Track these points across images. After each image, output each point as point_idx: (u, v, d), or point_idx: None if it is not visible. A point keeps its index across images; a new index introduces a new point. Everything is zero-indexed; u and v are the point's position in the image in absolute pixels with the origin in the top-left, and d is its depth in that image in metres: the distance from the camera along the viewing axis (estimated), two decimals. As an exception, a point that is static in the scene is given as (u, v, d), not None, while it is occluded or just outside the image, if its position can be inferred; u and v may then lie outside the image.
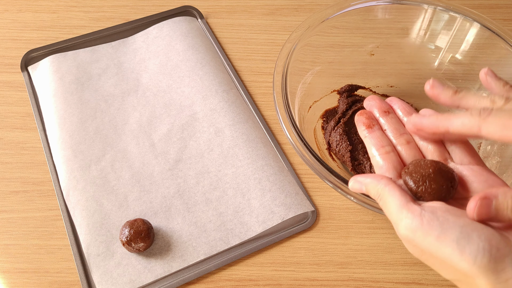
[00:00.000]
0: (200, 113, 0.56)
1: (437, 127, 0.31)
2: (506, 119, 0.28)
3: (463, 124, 0.29)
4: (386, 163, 0.35)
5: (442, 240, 0.26)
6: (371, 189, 0.32)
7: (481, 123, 0.28)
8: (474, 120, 0.29)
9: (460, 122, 0.30)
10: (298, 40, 0.50)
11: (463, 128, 0.29)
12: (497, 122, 0.28)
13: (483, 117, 0.29)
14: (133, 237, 0.44)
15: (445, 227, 0.27)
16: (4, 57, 0.62)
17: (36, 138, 0.55)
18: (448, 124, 0.30)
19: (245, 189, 0.50)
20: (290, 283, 0.45)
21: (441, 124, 0.31)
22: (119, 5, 0.69)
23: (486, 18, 0.50)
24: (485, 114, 0.29)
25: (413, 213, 0.28)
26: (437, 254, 0.27)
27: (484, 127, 0.28)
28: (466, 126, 0.29)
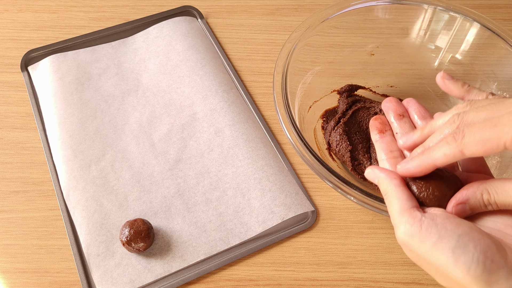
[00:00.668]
0: (200, 113, 0.56)
1: (425, 167, 0.31)
2: (480, 134, 0.28)
3: (445, 155, 0.30)
4: (392, 167, 0.35)
5: (437, 248, 0.27)
6: (381, 184, 0.33)
7: (461, 147, 0.29)
8: (453, 147, 0.29)
9: (441, 154, 0.30)
10: (298, 40, 0.50)
11: (448, 158, 0.30)
12: (475, 141, 0.28)
13: (459, 141, 0.29)
14: (133, 237, 0.44)
15: (442, 234, 0.27)
16: (4, 57, 0.62)
17: (36, 138, 0.55)
18: (432, 160, 0.31)
19: (245, 189, 0.50)
20: (290, 283, 0.45)
21: (426, 163, 0.31)
22: (119, 5, 0.69)
23: (486, 18, 0.50)
24: (459, 137, 0.29)
25: (413, 218, 0.28)
26: (432, 261, 0.27)
27: (466, 149, 0.28)
28: (449, 156, 0.29)
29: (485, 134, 0.28)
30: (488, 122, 0.28)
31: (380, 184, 0.33)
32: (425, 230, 0.27)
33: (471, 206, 0.30)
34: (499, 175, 0.45)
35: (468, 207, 0.30)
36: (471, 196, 0.30)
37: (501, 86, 0.50)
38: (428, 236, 0.27)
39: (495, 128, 0.27)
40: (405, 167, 0.32)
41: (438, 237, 0.27)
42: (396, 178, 0.32)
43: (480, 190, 0.30)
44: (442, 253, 0.26)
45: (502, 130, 0.27)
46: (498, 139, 0.27)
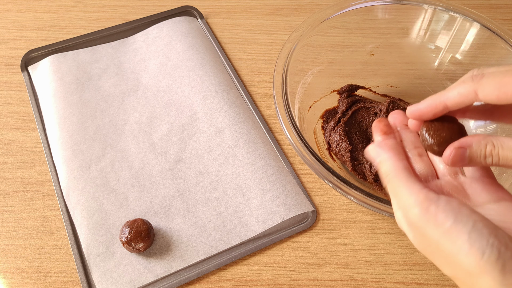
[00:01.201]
0: (200, 113, 0.56)
1: (435, 106, 0.30)
2: (500, 77, 0.27)
3: (459, 94, 0.29)
4: None
5: (453, 231, 0.26)
6: (385, 165, 0.31)
7: (476, 87, 0.28)
8: (468, 86, 0.28)
9: (455, 93, 0.29)
10: (298, 40, 0.50)
11: (460, 98, 0.29)
12: (492, 82, 0.27)
13: (477, 80, 0.28)
14: (133, 237, 0.44)
15: (458, 218, 0.26)
16: (4, 57, 0.62)
17: (36, 138, 0.55)
18: (444, 99, 0.30)
19: (245, 189, 0.50)
20: (290, 283, 0.45)
21: (437, 101, 0.30)
22: (119, 5, 0.69)
23: (486, 18, 0.50)
24: (478, 77, 0.28)
25: (429, 200, 0.27)
26: (445, 246, 0.26)
27: (480, 90, 0.28)
28: (462, 95, 0.29)
29: (505, 79, 0.27)
30: (509, 71, 0.27)
31: (382, 165, 0.31)
32: (442, 212, 0.26)
33: (471, 153, 0.29)
34: (499, 175, 0.45)
35: (468, 154, 0.29)
36: (475, 143, 0.29)
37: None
38: (445, 218, 0.26)
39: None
40: (415, 107, 0.31)
41: (454, 220, 0.26)
42: (404, 160, 0.30)
43: (485, 140, 0.29)
44: (458, 236, 0.25)
45: None
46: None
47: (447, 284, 0.45)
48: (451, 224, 0.26)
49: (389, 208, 0.40)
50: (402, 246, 0.47)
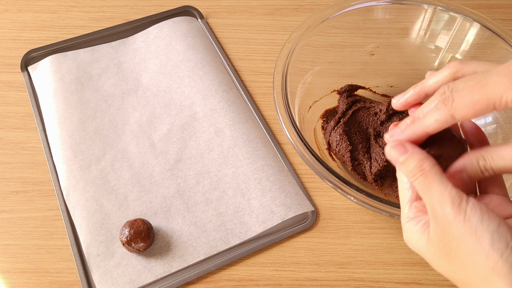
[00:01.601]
0: (200, 113, 0.56)
1: (417, 136, 0.31)
2: (469, 96, 0.28)
3: (437, 121, 0.30)
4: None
5: (478, 229, 0.27)
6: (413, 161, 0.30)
7: (451, 111, 0.29)
8: (443, 112, 0.29)
9: (433, 121, 0.30)
10: (298, 40, 0.50)
11: (440, 124, 0.30)
12: (464, 104, 0.28)
13: (449, 105, 0.29)
14: (133, 237, 0.44)
15: (485, 217, 0.27)
16: (4, 57, 0.62)
17: (36, 138, 0.55)
18: (423, 128, 0.31)
19: (245, 189, 0.50)
20: (290, 283, 0.45)
21: (418, 131, 0.31)
22: (119, 5, 0.69)
23: (486, 18, 0.50)
24: (449, 102, 0.29)
25: (460, 197, 0.28)
26: (467, 244, 0.27)
27: (456, 113, 0.29)
28: (440, 121, 0.30)
29: (475, 96, 0.28)
30: (477, 84, 0.28)
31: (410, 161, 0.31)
32: (471, 209, 0.27)
33: (468, 173, 0.31)
34: (499, 175, 0.45)
35: (466, 175, 0.31)
36: (468, 164, 0.30)
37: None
38: (473, 216, 0.27)
39: (484, 89, 0.27)
40: (397, 136, 0.32)
41: (481, 219, 0.27)
42: (431, 158, 0.31)
43: (475, 157, 0.30)
44: (481, 235, 0.26)
45: (491, 90, 0.27)
46: (487, 100, 0.27)
47: (447, 284, 0.45)
48: (477, 222, 0.27)
49: (389, 208, 0.40)
50: (402, 246, 0.47)
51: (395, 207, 0.40)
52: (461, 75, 0.32)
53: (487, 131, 0.50)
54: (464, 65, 0.32)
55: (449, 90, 0.29)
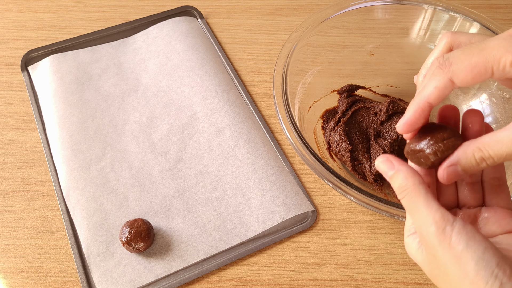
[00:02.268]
0: (200, 113, 0.56)
1: (421, 109, 0.30)
2: (468, 60, 0.27)
3: (436, 88, 0.28)
4: None
5: (463, 255, 0.26)
6: (400, 178, 0.30)
7: (449, 75, 0.28)
8: (441, 77, 0.28)
9: (432, 88, 0.29)
10: (298, 40, 0.50)
11: (439, 91, 0.28)
12: (462, 67, 0.27)
13: (447, 69, 0.28)
14: (133, 237, 0.44)
15: (470, 243, 0.26)
16: (4, 57, 0.62)
17: (36, 138, 0.55)
18: (425, 99, 0.29)
19: (245, 189, 0.50)
20: (290, 283, 0.45)
21: (421, 104, 0.29)
22: (119, 5, 0.69)
23: (486, 18, 0.50)
24: (446, 66, 0.28)
25: (446, 221, 0.27)
26: (453, 270, 0.26)
27: (455, 77, 0.28)
28: (440, 88, 0.28)
29: (473, 59, 0.27)
30: (475, 48, 0.27)
31: (395, 178, 0.30)
32: (456, 235, 0.26)
33: (463, 167, 0.28)
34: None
35: (460, 168, 0.29)
36: (462, 156, 0.28)
37: (501, 86, 0.50)
38: (458, 242, 0.26)
39: (482, 52, 0.27)
40: (402, 121, 0.31)
41: (466, 245, 0.26)
42: (417, 175, 0.30)
43: (470, 149, 0.28)
44: (466, 262, 0.25)
45: (490, 53, 0.26)
46: (486, 62, 0.26)
47: (447, 284, 0.45)
48: (462, 249, 0.26)
49: (389, 208, 0.40)
50: (402, 246, 0.47)
51: (395, 207, 0.40)
52: (457, 44, 0.31)
53: (487, 131, 0.50)
54: (458, 34, 0.31)
55: (446, 57, 0.28)
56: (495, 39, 0.27)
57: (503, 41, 0.26)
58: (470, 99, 0.53)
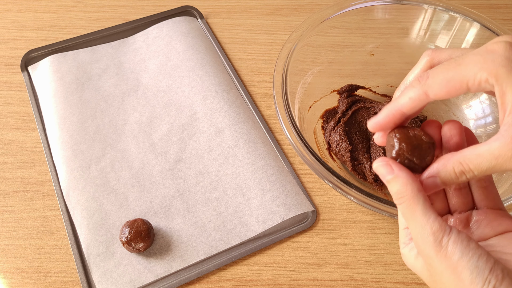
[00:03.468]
0: (200, 113, 0.56)
1: (392, 115, 0.30)
2: (444, 74, 0.27)
3: (411, 99, 0.29)
4: None
5: (459, 265, 0.26)
6: (398, 184, 0.29)
7: (424, 88, 0.28)
8: (417, 89, 0.28)
9: (407, 98, 0.29)
10: (298, 40, 0.50)
11: (413, 102, 0.29)
12: (438, 81, 0.27)
13: (423, 82, 0.28)
14: (133, 237, 0.44)
15: (465, 252, 0.26)
16: (4, 57, 0.62)
17: (36, 138, 0.55)
18: (399, 107, 0.30)
19: (245, 189, 0.50)
20: (290, 283, 0.45)
21: (393, 110, 0.30)
22: (119, 5, 0.69)
23: (486, 18, 0.50)
24: (423, 79, 0.28)
25: (443, 231, 0.27)
26: (449, 279, 0.26)
27: (430, 90, 0.28)
28: (414, 99, 0.29)
29: (449, 73, 0.27)
30: (452, 63, 0.27)
31: (395, 184, 0.30)
32: (452, 245, 0.26)
33: (442, 179, 0.29)
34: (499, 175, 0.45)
35: (439, 180, 0.29)
36: (441, 169, 0.29)
37: (501, 86, 0.50)
38: (453, 252, 0.26)
39: (459, 67, 0.27)
40: (374, 120, 0.31)
41: (461, 254, 0.26)
42: (417, 181, 0.29)
43: (451, 162, 0.28)
44: (462, 271, 0.26)
45: (465, 68, 0.26)
46: (461, 77, 0.26)
47: (447, 284, 0.45)
48: (458, 258, 0.26)
49: (389, 208, 0.40)
50: (402, 246, 0.47)
51: (395, 207, 0.40)
52: (437, 62, 0.31)
53: (487, 131, 0.50)
54: (439, 52, 0.31)
55: (426, 72, 0.29)
56: (472, 54, 0.27)
57: (479, 57, 0.26)
58: (470, 99, 0.53)
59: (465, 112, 0.53)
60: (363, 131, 0.52)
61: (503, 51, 0.26)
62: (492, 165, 0.27)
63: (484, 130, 0.51)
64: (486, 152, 0.27)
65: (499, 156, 0.26)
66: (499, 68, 0.26)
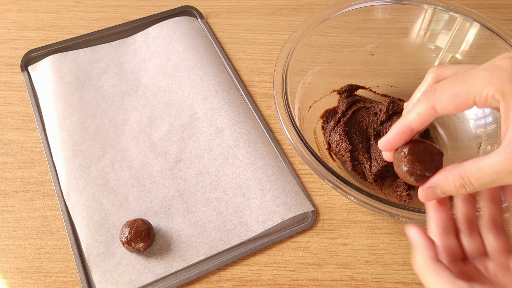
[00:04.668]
0: (200, 113, 0.56)
1: (402, 132, 0.31)
2: (450, 88, 0.28)
3: (419, 114, 0.29)
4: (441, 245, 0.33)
5: None
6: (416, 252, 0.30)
7: (432, 103, 0.28)
8: (425, 104, 0.29)
9: (415, 114, 0.30)
10: (298, 40, 0.50)
11: (421, 117, 0.29)
12: (445, 95, 0.28)
13: (431, 96, 0.29)
14: (133, 237, 0.44)
15: None
16: (4, 57, 0.62)
17: (36, 138, 0.55)
18: (408, 123, 0.30)
19: (245, 189, 0.50)
20: (290, 283, 0.45)
21: (403, 127, 0.31)
22: (119, 5, 0.69)
23: (486, 18, 0.50)
24: (431, 94, 0.29)
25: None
26: None
27: (437, 105, 0.28)
28: (422, 114, 0.29)
29: (456, 88, 0.27)
30: (460, 78, 0.28)
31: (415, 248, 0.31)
32: None
33: (442, 190, 0.30)
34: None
35: (440, 191, 0.30)
36: (442, 181, 0.30)
37: (501, 86, 0.50)
38: None
39: (466, 82, 0.27)
40: (384, 139, 0.32)
41: None
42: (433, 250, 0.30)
43: (452, 175, 0.29)
44: None
45: (472, 83, 0.27)
46: (468, 93, 0.27)
47: (447, 284, 0.45)
48: None
49: (389, 208, 0.40)
50: (402, 246, 0.47)
51: (395, 207, 0.40)
52: (443, 78, 0.31)
53: (487, 131, 0.50)
54: (444, 68, 0.32)
55: (433, 86, 0.29)
56: (479, 69, 0.27)
57: (486, 72, 0.27)
58: (470, 99, 0.53)
59: (465, 112, 0.53)
60: (363, 131, 0.52)
61: (511, 67, 0.27)
62: (493, 179, 0.27)
63: (484, 130, 0.51)
64: (487, 166, 0.27)
65: (500, 170, 0.26)
66: (506, 84, 0.26)
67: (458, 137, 0.52)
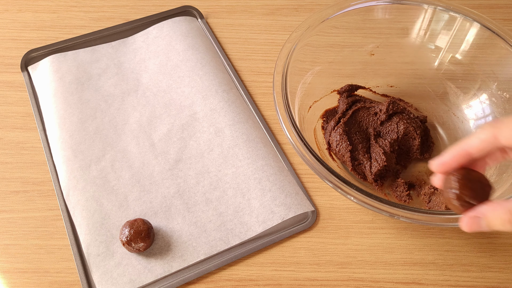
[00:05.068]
0: (200, 113, 0.56)
1: (459, 155, 0.31)
2: None
3: (480, 140, 0.30)
4: None
5: None
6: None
7: (495, 131, 0.29)
8: (488, 131, 0.29)
9: (477, 139, 0.30)
10: (298, 40, 0.50)
11: (482, 143, 0.30)
12: (510, 125, 0.28)
13: (495, 125, 0.29)
14: (133, 237, 0.44)
15: None
16: (4, 57, 0.62)
17: (36, 138, 0.55)
18: (467, 147, 0.30)
19: (245, 189, 0.50)
20: (290, 283, 0.45)
21: (460, 150, 0.31)
22: (119, 5, 0.69)
23: (486, 18, 0.50)
24: (496, 123, 0.29)
25: None
26: None
27: (500, 133, 0.29)
28: (484, 140, 0.30)
29: None
30: None
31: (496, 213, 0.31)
32: None
33: (487, 222, 0.30)
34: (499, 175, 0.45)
35: (485, 223, 0.30)
36: (490, 212, 0.30)
37: (501, 86, 0.50)
38: None
39: None
40: (439, 161, 0.32)
41: None
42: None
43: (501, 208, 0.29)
44: None
45: None
46: None
47: (447, 284, 0.45)
48: None
49: (389, 208, 0.40)
50: (402, 246, 0.47)
51: (395, 207, 0.40)
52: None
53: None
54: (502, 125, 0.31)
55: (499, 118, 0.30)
56: None
57: None
58: (470, 99, 0.53)
59: (465, 112, 0.53)
60: (363, 131, 0.52)
61: None
62: None
63: (484, 130, 0.51)
64: None
65: None
66: None
67: (458, 137, 0.52)
